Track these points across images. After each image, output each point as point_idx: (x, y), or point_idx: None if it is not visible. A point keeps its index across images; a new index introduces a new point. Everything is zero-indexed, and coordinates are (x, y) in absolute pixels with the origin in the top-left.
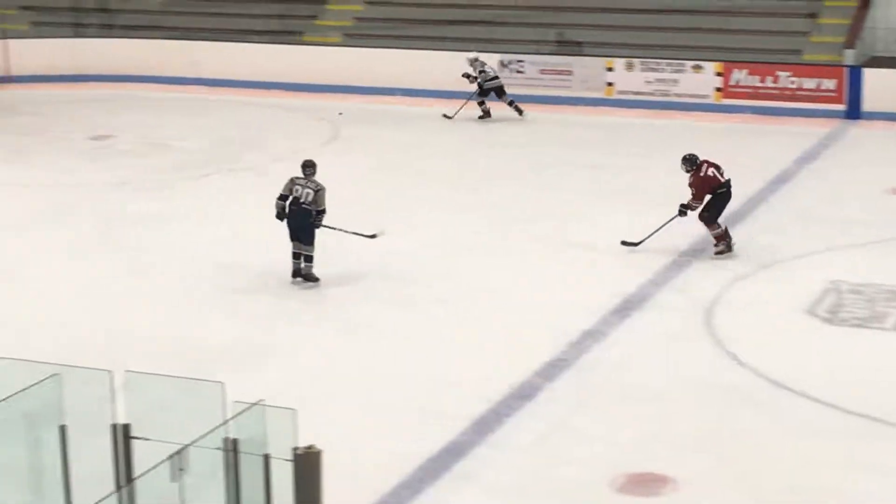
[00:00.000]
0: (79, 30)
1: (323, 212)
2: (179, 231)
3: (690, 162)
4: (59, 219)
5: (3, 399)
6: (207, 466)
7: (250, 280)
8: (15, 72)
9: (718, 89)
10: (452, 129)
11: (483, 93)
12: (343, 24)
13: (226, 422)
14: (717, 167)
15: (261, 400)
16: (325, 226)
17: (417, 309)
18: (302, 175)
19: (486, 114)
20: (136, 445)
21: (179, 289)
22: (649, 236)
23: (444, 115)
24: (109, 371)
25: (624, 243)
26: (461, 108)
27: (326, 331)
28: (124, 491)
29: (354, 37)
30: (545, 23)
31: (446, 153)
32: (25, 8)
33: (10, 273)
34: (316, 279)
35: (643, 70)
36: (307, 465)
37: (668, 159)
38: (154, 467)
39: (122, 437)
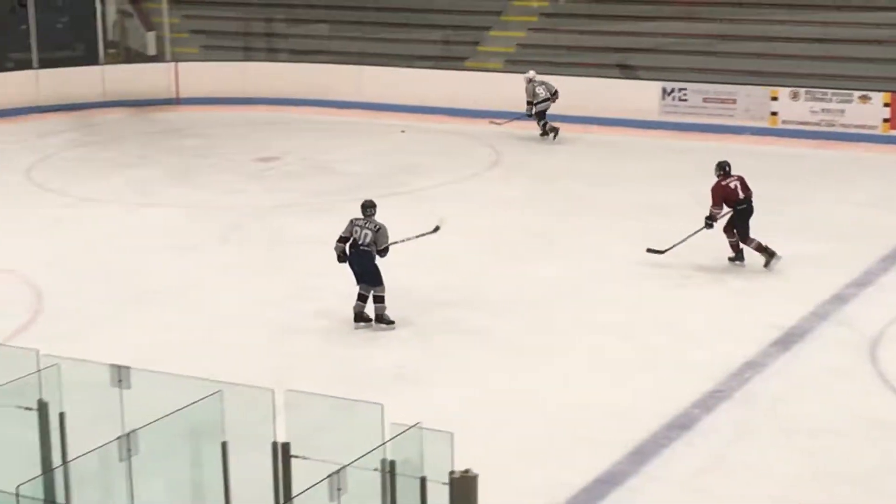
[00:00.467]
0: (247, 54)
1: (386, 250)
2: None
3: (722, 168)
4: (225, 239)
5: (169, 414)
6: (364, 487)
7: (414, 302)
8: (184, 94)
9: (886, 120)
10: (615, 158)
11: (537, 116)
12: (506, 51)
13: (383, 443)
14: (744, 183)
15: (418, 423)
16: (390, 245)
17: (575, 336)
18: (363, 216)
19: (553, 132)
20: (294, 464)
21: (342, 311)
22: (675, 245)
23: (491, 122)
24: (271, 390)
25: (650, 251)
26: (510, 120)
27: (486, 356)
28: None
29: (517, 63)
30: (708, 51)
31: (609, 181)
32: (197, 32)
33: (178, 292)
34: (391, 322)
35: (808, 100)
36: (463, 489)
37: (835, 191)
38: (312, 486)
39: (282, 455)
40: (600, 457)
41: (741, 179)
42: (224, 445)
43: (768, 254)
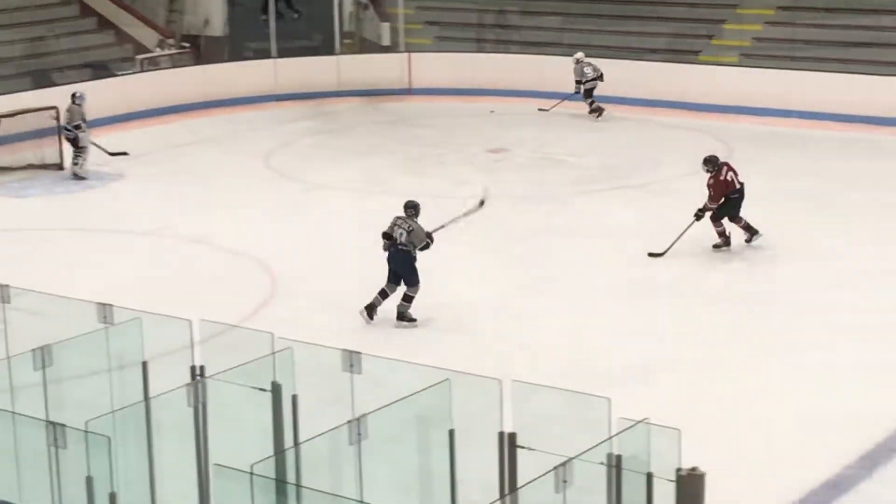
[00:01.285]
0: (480, 45)
1: (426, 246)
2: (571, 246)
3: (712, 163)
4: (455, 228)
5: (398, 400)
6: (590, 481)
7: (653, 295)
8: (416, 84)
9: None
10: (858, 157)
11: (585, 93)
12: (741, 44)
13: (610, 437)
14: (735, 171)
15: (646, 418)
16: (435, 231)
17: (808, 336)
18: (403, 215)
19: (598, 111)
20: (519, 454)
21: (571, 303)
22: (672, 244)
23: (540, 109)
24: (499, 379)
25: (651, 255)
26: (560, 102)
27: (721, 352)
28: (508, 498)
29: (752, 57)
30: None
31: (849, 181)
32: (431, 23)
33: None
34: (413, 319)
35: None
36: (690, 486)
37: None
38: (539, 477)
39: (509, 445)
40: (830, 461)
41: (732, 169)
42: (451, 433)
43: (751, 231)
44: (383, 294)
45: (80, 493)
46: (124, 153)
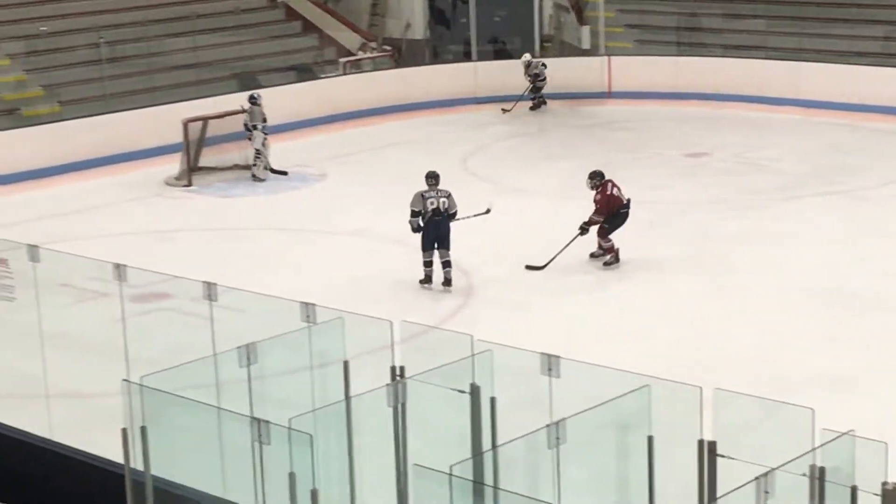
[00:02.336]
0: (681, 48)
1: (454, 215)
2: (770, 252)
3: (598, 178)
4: (650, 234)
5: (597, 405)
6: (791, 492)
7: (850, 303)
8: (615, 88)
9: None
10: None
11: (535, 89)
12: None
13: (814, 449)
14: (619, 188)
15: (851, 430)
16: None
17: None
18: (427, 187)
19: (541, 104)
20: (719, 463)
21: (770, 310)
22: (553, 258)
23: (504, 110)
24: (699, 387)
25: (528, 267)
26: (515, 104)
27: None
28: None
29: None
30: None
31: None
32: (631, 26)
33: (599, 285)
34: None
35: None
36: None
37: None
38: (740, 487)
39: (708, 453)
40: None
41: (617, 185)
42: (650, 440)
43: (615, 257)
44: (430, 264)
45: (282, 489)
46: (284, 173)
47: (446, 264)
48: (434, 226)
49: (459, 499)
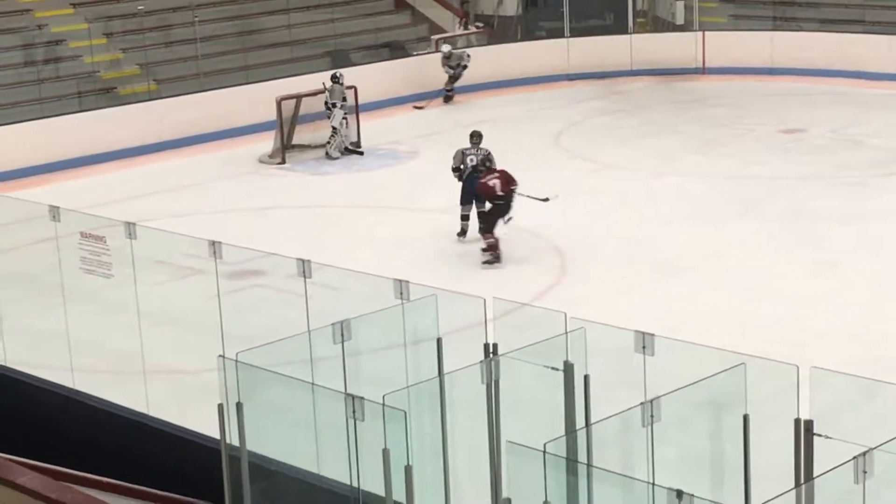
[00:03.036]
0: (777, 23)
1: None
2: (869, 230)
3: (490, 162)
4: (746, 211)
5: (691, 383)
6: (890, 472)
7: None
8: (710, 64)
9: None
10: None
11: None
12: None
13: None
14: (506, 178)
15: None
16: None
17: None
18: (470, 144)
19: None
20: (816, 442)
21: (869, 289)
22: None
23: (415, 107)
24: (795, 365)
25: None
26: (429, 103)
27: None
28: (804, 487)
29: None
30: None
31: None
32: (726, 1)
33: (696, 262)
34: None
35: None
36: None
37: None
38: (838, 466)
39: (805, 432)
40: None
41: (505, 177)
42: (745, 419)
43: (495, 256)
44: (467, 218)
45: (376, 465)
46: (360, 152)
47: (468, 218)
48: (470, 181)
49: (553, 476)
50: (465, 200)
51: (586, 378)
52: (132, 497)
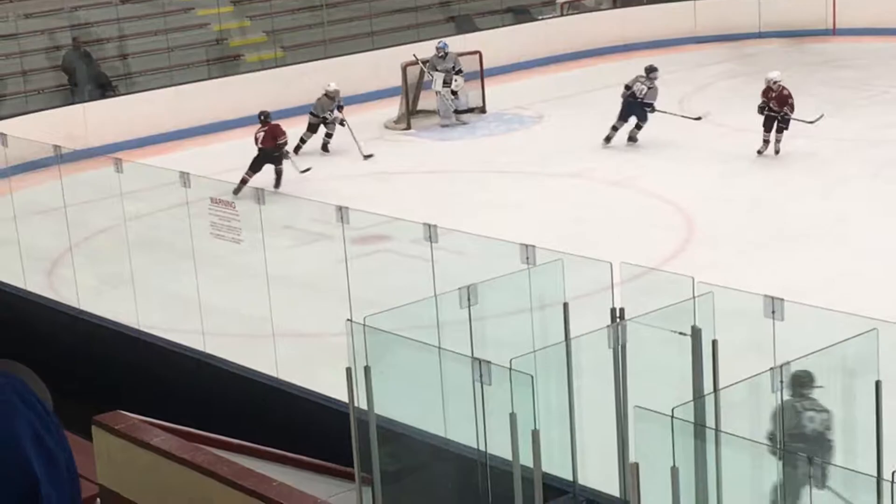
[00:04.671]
0: None
1: (652, 105)
2: None
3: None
4: (876, 174)
5: (822, 349)
6: None
7: None
8: (840, 25)
9: None
10: None
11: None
12: None
13: None
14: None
15: None
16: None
17: None
18: (644, 75)
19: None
20: None
21: None
22: None
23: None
24: None
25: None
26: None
27: None
28: None
29: None
30: None
31: None
32: None
33: (826, 226)
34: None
35: None
36: None
37: None
38: None
39: None
40: None
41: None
42: (878, 384)
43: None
44: (615, 129)
45: (502, 429)
46: (471, 110)
47: (611, 139)
48: (629, 106)
49: (681, 441)
50: (621, 117)
51: (714, 343)
52: (261, 458)
